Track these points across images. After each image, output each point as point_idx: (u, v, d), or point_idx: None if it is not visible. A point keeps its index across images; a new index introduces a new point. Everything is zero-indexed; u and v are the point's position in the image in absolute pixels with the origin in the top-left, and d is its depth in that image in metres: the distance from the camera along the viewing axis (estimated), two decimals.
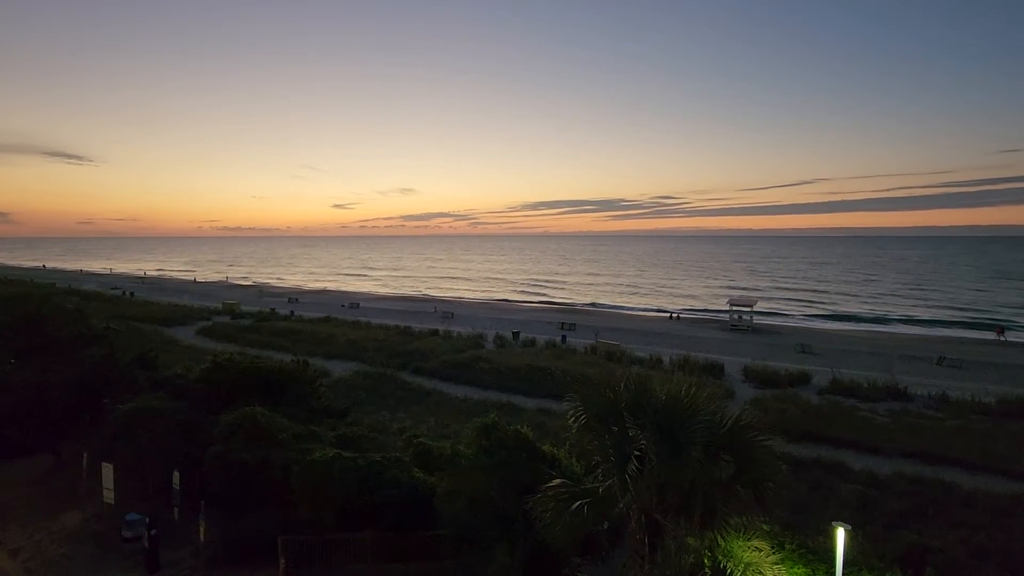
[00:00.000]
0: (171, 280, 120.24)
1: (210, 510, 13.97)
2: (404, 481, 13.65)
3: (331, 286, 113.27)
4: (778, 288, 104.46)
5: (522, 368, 31.59)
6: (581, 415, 8.78)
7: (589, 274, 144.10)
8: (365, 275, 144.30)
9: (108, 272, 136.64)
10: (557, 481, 9.27)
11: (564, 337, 45.23)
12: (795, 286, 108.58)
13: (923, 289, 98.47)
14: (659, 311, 75.04)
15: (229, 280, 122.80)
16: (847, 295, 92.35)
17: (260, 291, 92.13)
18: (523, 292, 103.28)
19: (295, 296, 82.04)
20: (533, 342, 42.51)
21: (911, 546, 12.31)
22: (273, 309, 60.13)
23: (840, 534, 9.68)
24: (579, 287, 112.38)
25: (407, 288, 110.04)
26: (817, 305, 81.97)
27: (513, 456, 12.51)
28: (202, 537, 13.73)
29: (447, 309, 67.27)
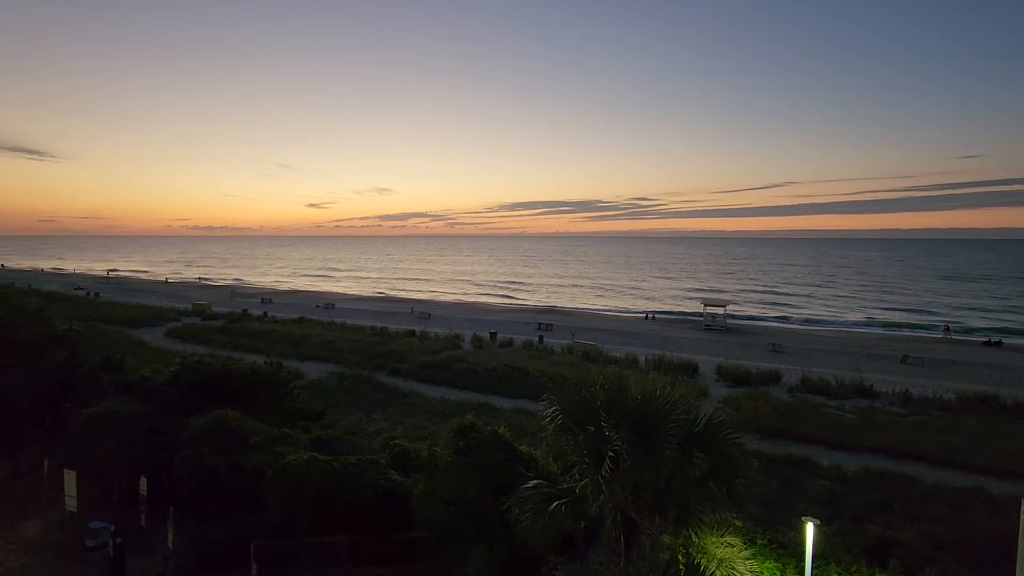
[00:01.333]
0: (138, 280, 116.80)
1: (179, 516, 13.62)
2: (380, 483, 13.53)
3: (305, 286, 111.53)
4: (749, 290, 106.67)
5: (499, 369, 31.59)
6: (558, 415, 8.83)
7: (566, 275, 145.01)
8: (340, 275, 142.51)
9: (71, 272, 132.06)
10: (534, 482, 9.29)
11: (541, 337, 45.40)
12: (764, 288, 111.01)
13: (886, 291, 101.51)
14: (635, 312, 75.90)
15: (201, 280, 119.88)
16: (813, 297, 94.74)
17: (232, 292, 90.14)
18: (500, 293, 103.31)
19: (268, 297, 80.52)
20: (510, 342, 42.56)
21: (877, 539, 12.69)
22: (245, 310, 58.92)
23: (809, 529, 9.92)
24: (555, 288, 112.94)
25: (383, 288, 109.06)
26: (786, 307, 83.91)
27: (490, 457, 12.51)
28: (171, 544, 13.38)
29: (424, 310, 66.89)
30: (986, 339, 53.47)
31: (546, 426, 9.05)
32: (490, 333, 45.69)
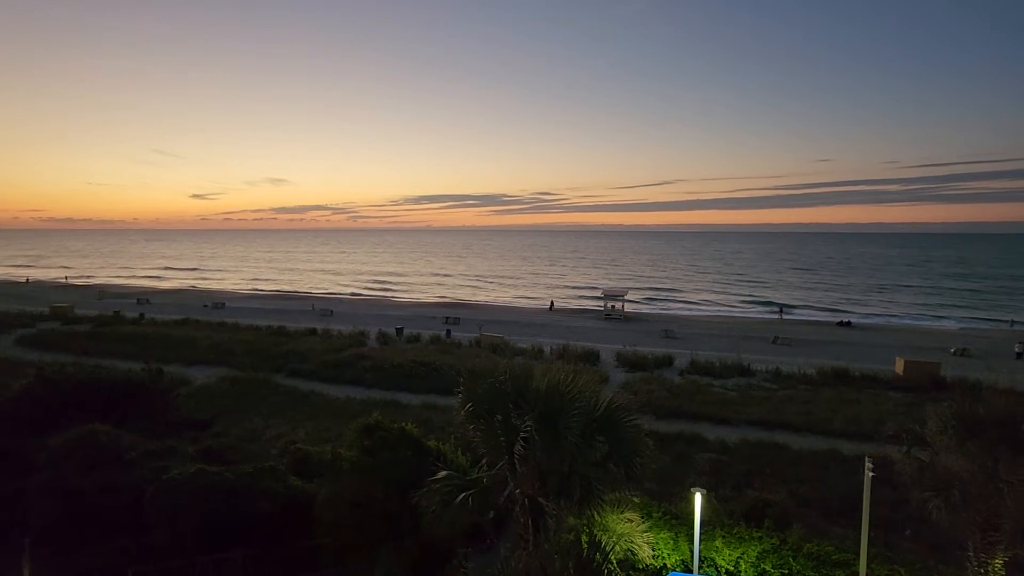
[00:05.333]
0: None
1: (37, 550, 11.98)
2: (279, 491, 12.81)
3: (190, 284, 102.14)
4: (644, 278, 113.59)
5: (406, 364, 31.09)
6: (468, 407, 8.89)
7: (472, 268, 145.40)
8: (230, 272, 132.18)
9: None
10: (443, 474, 9.29)
11: (449, 331, 45.26)
12: (656, 278, 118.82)
13: (755, 281, 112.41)
14: (539, 303, 77.90)
15: (68, 280, 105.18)
16: (698, 286, 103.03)
17: (100, 292, 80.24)
18: (405, 287, 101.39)
19: (145, 297, 72.78)
20: (418, 338, 41.99)
21: (753, 502, 14.12)
22: (118, 312, 52.78)
23: (697, 498, 10.83)
24: (462, 280, 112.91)
25: (280, 285, 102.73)
26: (674, 294, 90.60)
27: (398, 454, 12.32)
28: None
29: (325, 307, 63.99)
30: (839, 320, 61.27)
31: (456, 418, 9.09)
32: (396, 329, 44.76)
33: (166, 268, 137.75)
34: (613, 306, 63.11)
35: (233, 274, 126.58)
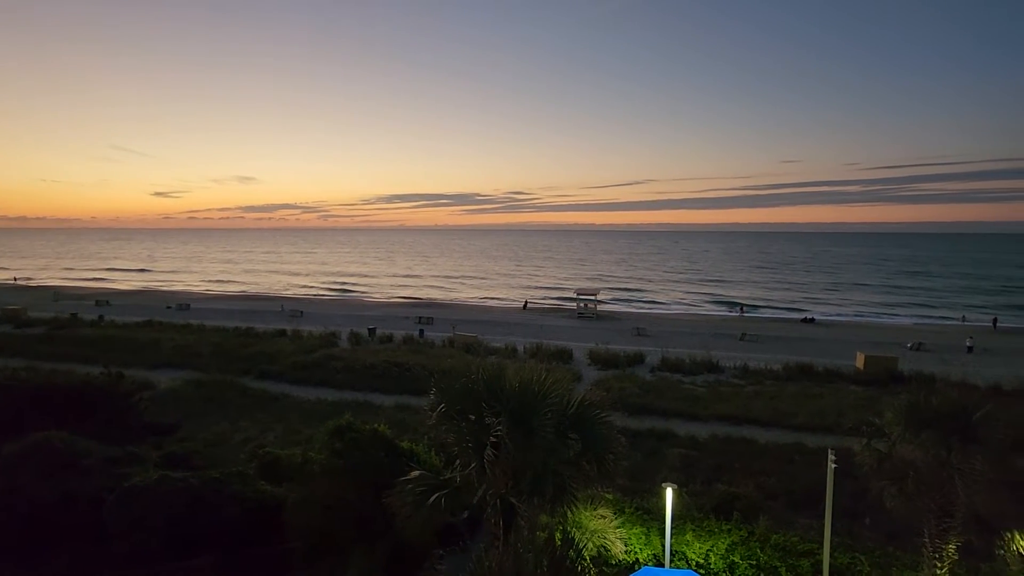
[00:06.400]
0: None
1: None
2: (248, 496, 12.53)
3: (152, 285, 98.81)
4: (613, 276, 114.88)
5: (379, 365, 30.76)
6: (441, 406, 8.84)
7: (445, 267, 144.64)
8: (195, 272, 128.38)
9: None
10: (415, 474, 9.23)
11: (422, 331, 44.93)
12: (627, 276, 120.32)
13: (721, 281, 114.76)
14: (513, 302, 78.00)
15: (17, 281, 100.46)
16: (668, 286, 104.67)
17: (56, 293, 76.94)
18: (377, 287, 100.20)
19: (104, 298, 70.10)
20: (390, 338, 41.58)
21: (723, 496, 14.46)
22: (75, 314, 50.71)
23: (668, 493, 11.01)
24: (436, 280, 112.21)
25: (248, 286, 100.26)
26: (645, 293, 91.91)
27: (370, 456, 12.18)
28: None
29: (295, 307, 62.74)
30: (803, 317, 63.13)
31: (429, 419, 9.02)
32: (369, 329, 44.20)
33: (127, 269, 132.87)
34: (586, 305, 63.65)
35: (198, 274, 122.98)
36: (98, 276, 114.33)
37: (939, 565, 9.56)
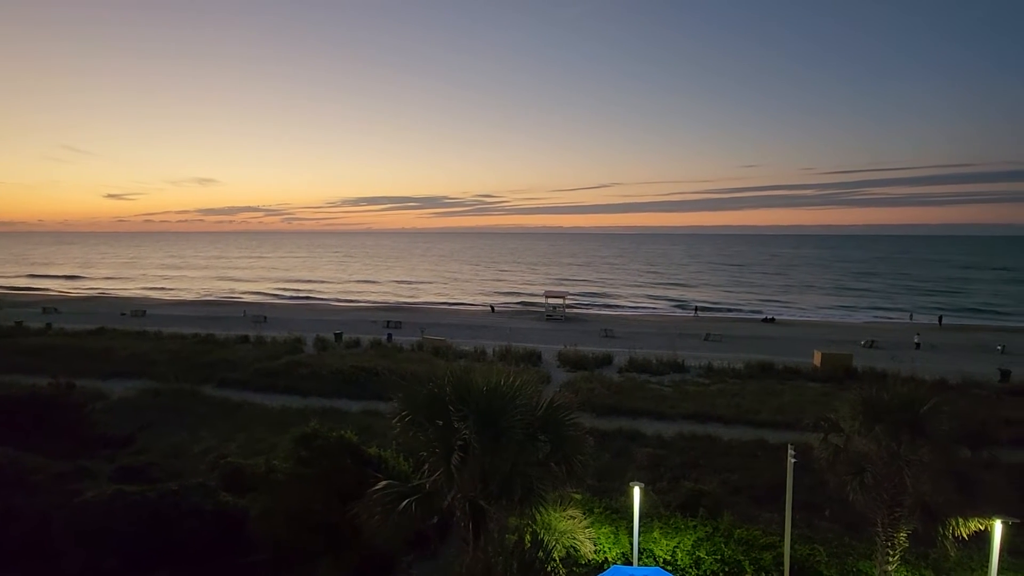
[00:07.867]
0: None
1: None
2: (208, 508, 12.12)
3: (105, 291, 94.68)
4: (579, 279, 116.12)
5: (346, 370, 30.21)
6: (406, 413, 8.75)
7: (413, 271, 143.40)
8: (150, 277, 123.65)
9: None
10: (384, 482, 9.10)
11: (390, 336, 44.41)
12: (595, 278, 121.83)
13: (679, 284, 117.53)
14: (481, 305, 77.90)
15: None
16: (633, 288, 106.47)
17: None
18: (344, 290, 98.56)
19: (52, 305, 66.79)
20: (357, 342, 40.95)
21: (688, 493, 14.73)
22: (20, 322, 48.10)
23: (636, 492, 11.19)
24: (403, 284, 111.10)
25: (208, 291, 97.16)
26: (611, 295, 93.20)
27: (336, 464, 11.95)
28: None
29: (258, 312, 61.11)
30: (764, 316, 65.12)
31: (396, 424, 8.92)
32: (335, 334, 43.41)
33: (76, 274, 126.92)
34: (555, 307, 64.08)
35: (153, 280, 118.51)
36: (51, 281, 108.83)
37: (891, 553, 9.99)
